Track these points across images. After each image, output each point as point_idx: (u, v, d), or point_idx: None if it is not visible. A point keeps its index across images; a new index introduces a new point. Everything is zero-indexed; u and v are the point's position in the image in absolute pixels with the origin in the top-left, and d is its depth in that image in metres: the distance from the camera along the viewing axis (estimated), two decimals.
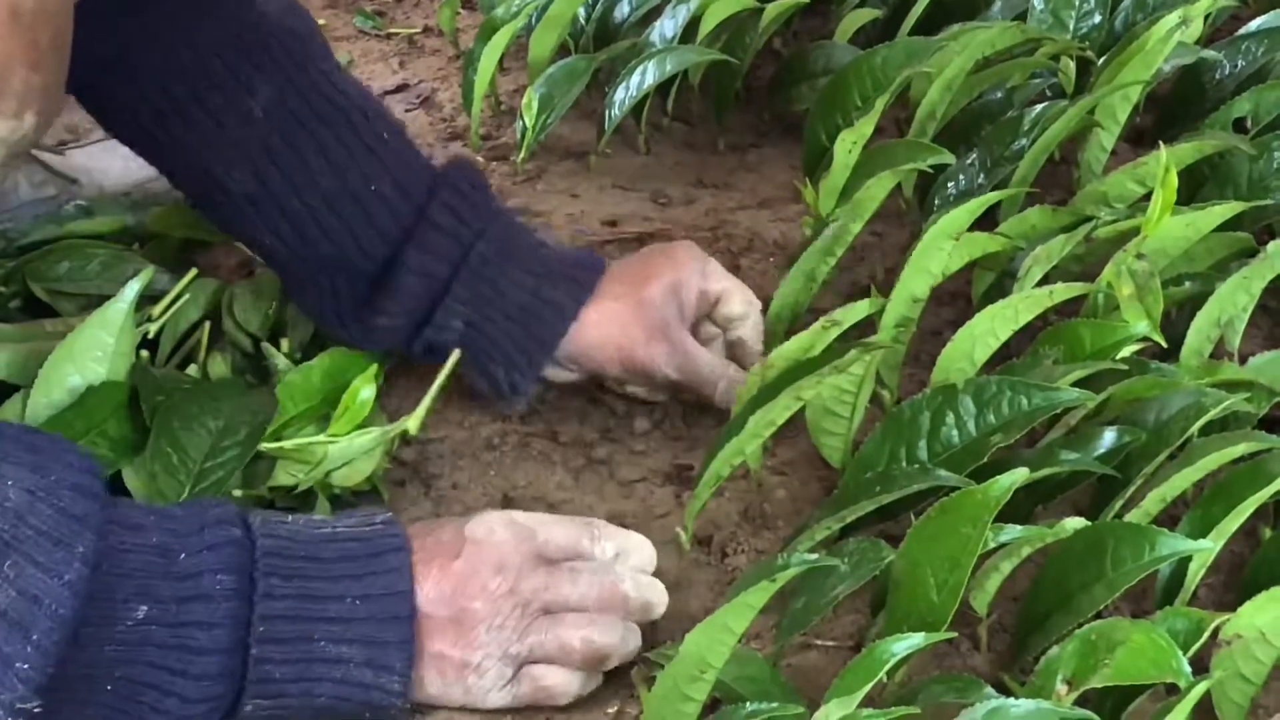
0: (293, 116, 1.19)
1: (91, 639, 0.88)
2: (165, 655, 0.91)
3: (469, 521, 1.02)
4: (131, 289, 1.08)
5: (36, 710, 0.86)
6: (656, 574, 1.09)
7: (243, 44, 1.18)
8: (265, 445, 1.11)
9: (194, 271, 1.28)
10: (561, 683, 1.00)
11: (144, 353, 1.19)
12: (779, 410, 1.07)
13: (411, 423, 1.15)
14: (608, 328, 1.20)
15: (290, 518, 0.99)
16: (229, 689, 0.93)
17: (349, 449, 1.12)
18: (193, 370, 1.22)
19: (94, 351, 1.08)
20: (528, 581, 1.00)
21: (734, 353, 1.25)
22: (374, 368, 1.15)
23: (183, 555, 0.92)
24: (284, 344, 1.24)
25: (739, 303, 1.23)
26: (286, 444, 1.12)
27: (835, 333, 1.12)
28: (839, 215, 1.25)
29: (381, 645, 0.96)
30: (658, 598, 1.04)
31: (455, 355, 1.20)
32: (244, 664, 0.93)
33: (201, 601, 0.92)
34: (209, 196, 1.22)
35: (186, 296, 1.25)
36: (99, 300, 1.21)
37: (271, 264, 1.26)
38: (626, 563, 1.05)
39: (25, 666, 0.84)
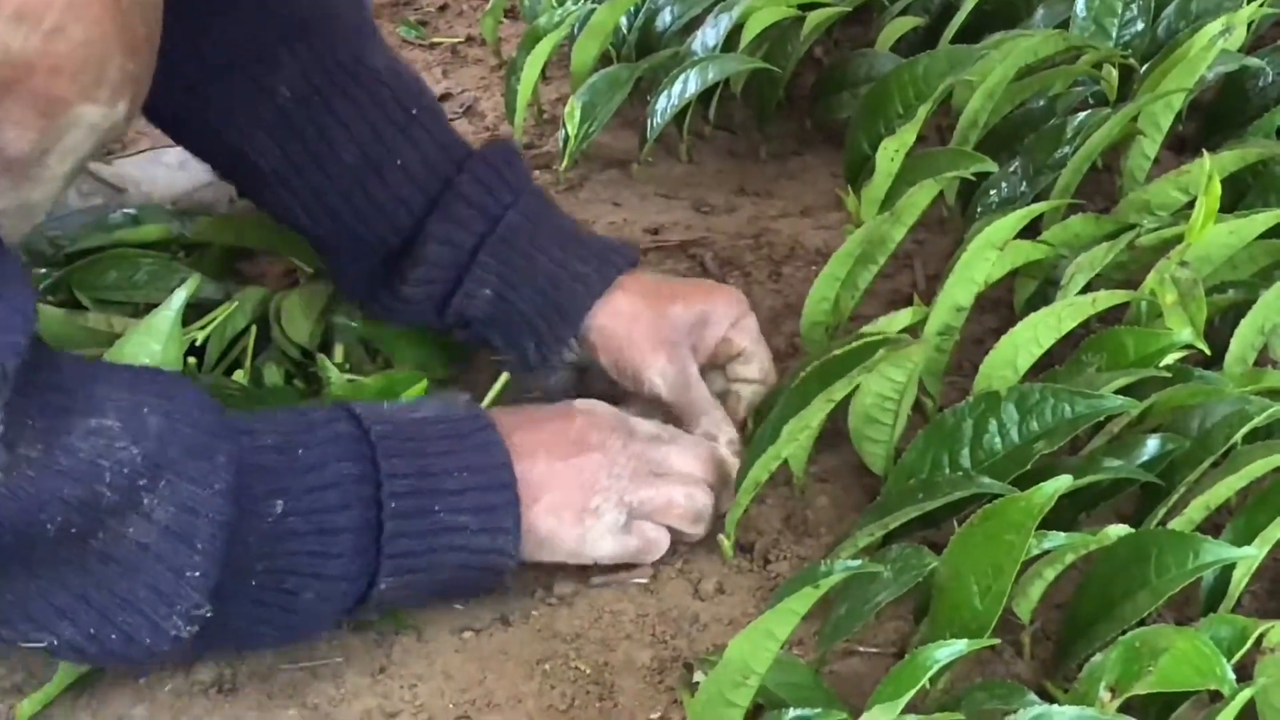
0: (317, 94, 1.20)
1: (239, 536, 0.94)
2: (304, 541, 0.97)
3: (571, 403, 1.12)
4: (178, 298, 1.09)
5: (209, 614, 0.94)
6: (697, 580, 1.11)
7: (272, 24, 1.19)
8: None
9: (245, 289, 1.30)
10: (663, 538, 1.11)
11: (190, 359, 1.20)
12: (813, 414, 1.07)
13: None
14: (620, 319, 1.19)
15: (385, 405, 1.06)
16: (364, 568, 1.00)
17: None
18: (239, 376, 1.22)
19: (141, 359, 1.08)
20: (639, 443, 1.10)
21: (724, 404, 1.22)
22: (423, 383, 1.16)
23: (301, 450, 0.99)
24: (337, 353, 1.25)
25: (756, 369, 1.22)
26: None
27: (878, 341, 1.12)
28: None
29: (492, 510, 1.03)
30: (735, 474, 1.14)
31: (504, 378, 1.20)
32: (377, 542, 1.00)
33: (333, 489, 0.98)
34: (241, 174, 1.25)
35: (235, 305, 1.26)
36: (146, 308, 1.22)
37: (306, 238, 1.27)
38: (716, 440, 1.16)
39: (196, 574, 0.92)
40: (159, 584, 0.92)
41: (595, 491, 1.07)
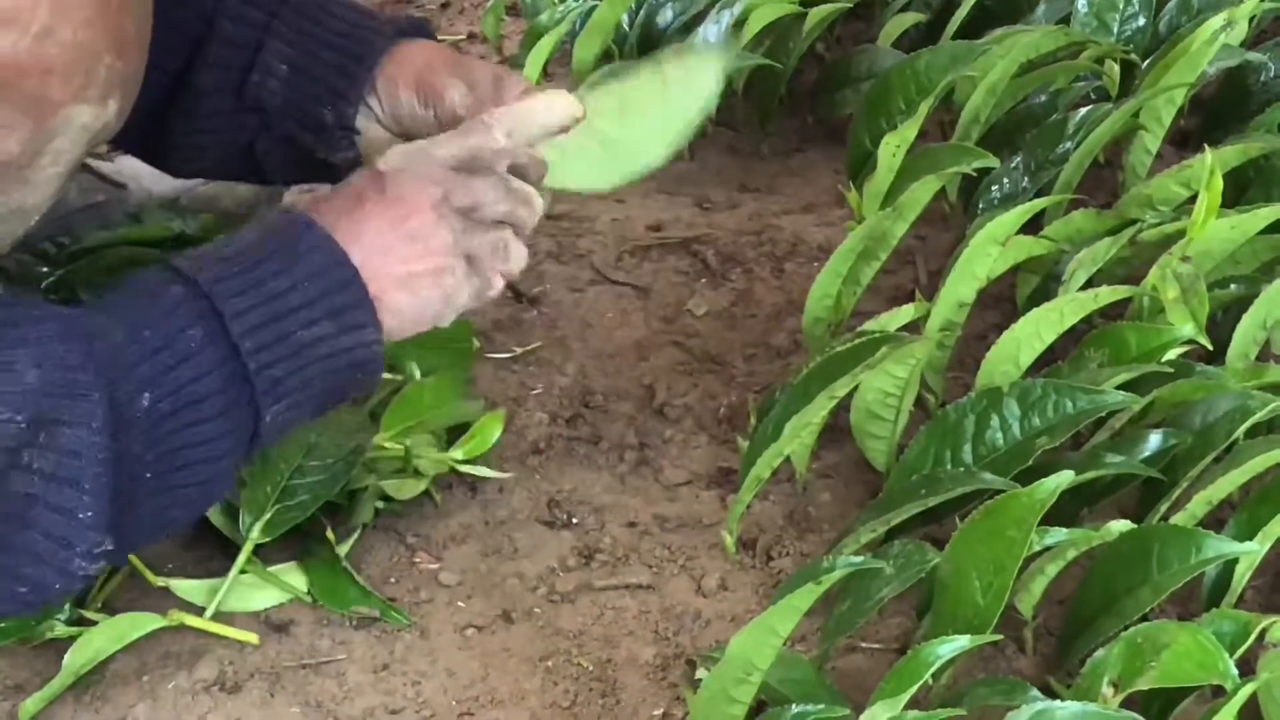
0: None
1: (121, 447, 0.92)
2: (179, 417, 0.94)
3: (374, 166, 1.04)
4: None
5: (110, 547, 0.92)
6: (699, 577, 1.11)
7: None
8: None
9: None
10: (498, 280, 1.06)
11: None
12: (814, 411, 1.07)
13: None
14: (417, 52, 1.15)
15: (207, 250, 1.00)
16: (244, 415, 0.97)
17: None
18: None
19: None
20: (457, 191, 1.03)
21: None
22: (502, 413, 1.21)
23: (147, 332, 0.94)
24: None
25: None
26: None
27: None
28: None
29: (344, 309, 0.99)
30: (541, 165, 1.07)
31: None
32: (248, 382, 0.96)
33: (187, 362, 0.94)
34: None
35: None
36: None
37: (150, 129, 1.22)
38: (523, 137, 1.06)
39: (89, 514, 0.90)
40: (54, 530, 0.90)
41: (440, 253, 1.03)
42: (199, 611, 1.07)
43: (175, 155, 1.22)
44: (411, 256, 1.02)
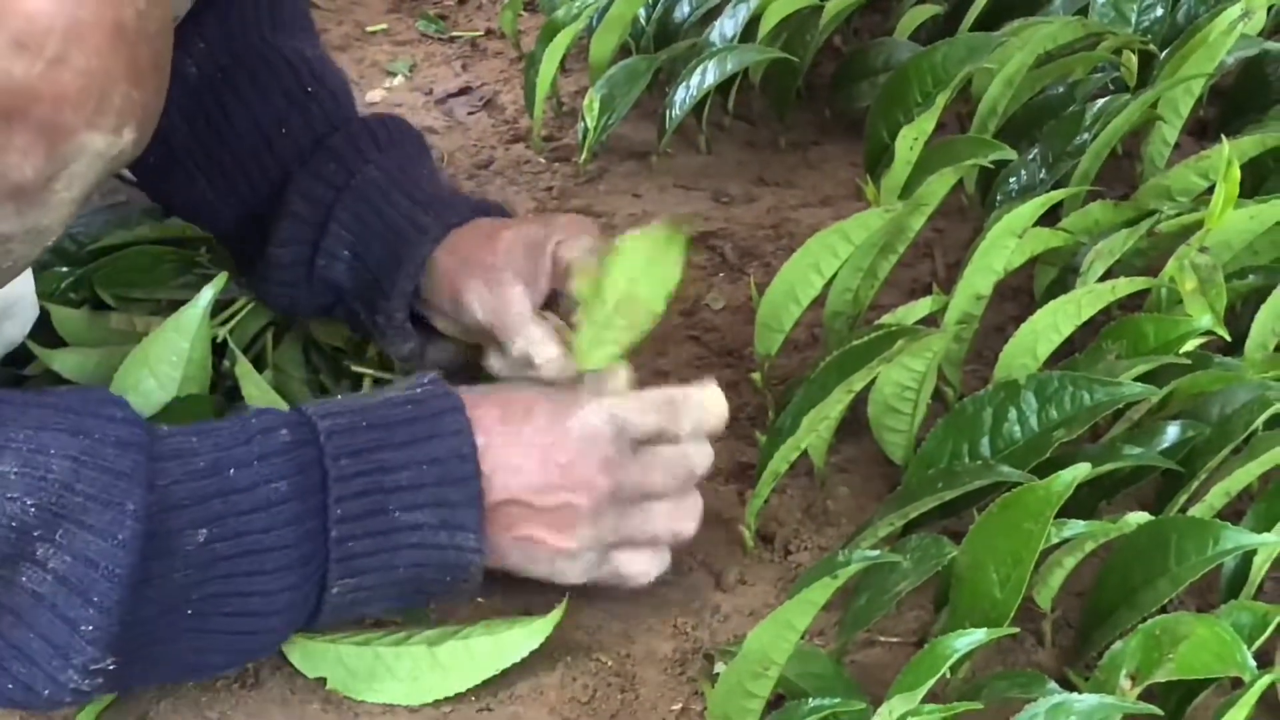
0: (222, 73, 1.19)
1: (158, 574, 0.90)
2: (234, 564, 0.92)
3: (568, 415, 1.02)
4: (206, 295, 1.09)
5: (111, 667, 0.89)
6: (718, 571, 1.12)
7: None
8: None
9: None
10: (641, 571, 1.05)
11: None
12: (831, 405, 1.07)
13: None
14: (452, 258, 1.15)
15: (340, 397, 1.00)
16: (307, 577, 0.95)
17: None
18: (266, 377, 1.23)
19: (169, 356, 1.08)
20: (627, 475, 1.02)
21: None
22: None
23: (232, 470, 0.93)
24: (369, 350, 1.26)
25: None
26: None
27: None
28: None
29: (452, 506, 0.97)
30: (708, 461, 1.07)
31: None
32: (325, 548, 0.95)
33: (261, 511, 0.93)
34: (156, 156, 1.16)
35: (255, 301, 1.26)
36: (168, 305, 1.23)
37: (215, 230, 1.26)
38: (699, 435, 1.07)
39: (90, 629, 0.87)
40: (52, 636, 0.88)
41: (575, 539, 1.02)
42: None
43: (270, 294, 1.24)
44: (545, 527, 1.01)
